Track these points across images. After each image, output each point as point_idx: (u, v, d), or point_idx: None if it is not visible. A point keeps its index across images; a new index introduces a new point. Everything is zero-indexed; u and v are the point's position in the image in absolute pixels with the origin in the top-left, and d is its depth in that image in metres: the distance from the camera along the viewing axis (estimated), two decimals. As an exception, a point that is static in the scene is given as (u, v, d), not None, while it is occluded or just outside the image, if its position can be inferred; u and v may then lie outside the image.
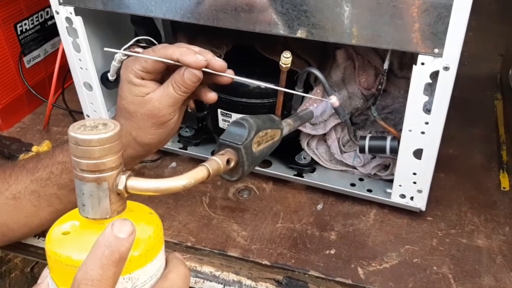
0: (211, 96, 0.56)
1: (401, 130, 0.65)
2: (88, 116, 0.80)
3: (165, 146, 0.78)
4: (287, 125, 0.49)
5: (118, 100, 0.56)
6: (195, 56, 0.51)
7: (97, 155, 0.32)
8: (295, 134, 0.72)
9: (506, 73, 0.92)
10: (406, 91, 0.69)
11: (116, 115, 0.57)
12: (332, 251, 0.62)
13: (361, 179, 0.70)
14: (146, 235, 0.34)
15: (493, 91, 0.93)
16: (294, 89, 0.65)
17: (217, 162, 0.39)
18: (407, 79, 0.68)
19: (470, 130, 0.83)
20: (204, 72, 0.52)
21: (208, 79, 0.54)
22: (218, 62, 0.53)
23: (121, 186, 0.34)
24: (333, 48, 0.68)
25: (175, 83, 0.52)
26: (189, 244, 0.64)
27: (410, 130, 0.58)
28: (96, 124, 0.33)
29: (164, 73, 0.54)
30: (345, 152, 0.71)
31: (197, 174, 0.37)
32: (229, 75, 0.54)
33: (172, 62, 0.51)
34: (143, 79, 0.53)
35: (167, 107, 0.53)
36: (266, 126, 0.43)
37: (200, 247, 0.63)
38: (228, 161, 0.40)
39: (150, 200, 0.70)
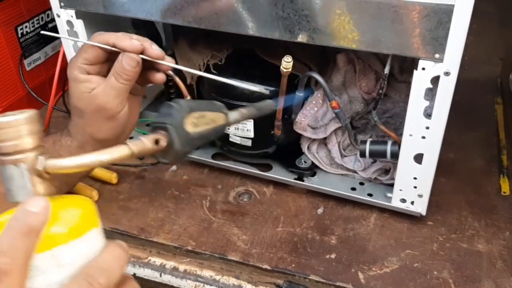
0: (159, 77, 0.55)
1: (401, 134, 0.65)
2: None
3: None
4: (240, 113, 0.48)
5: (69, 99, 0.56)
6: (130, 41, 0.51)
7: (10, 137, 0.33)
8: (296, 138, 0.72)
9: (507, 77, 0.92)
10: (407, 95, 0.69)
11: (71, 114, 0.57)
12: (333, 256, 0.62)
13: (361, 183, 0.70)
14: (70, 214, 0.34)
15: (494, 95, 0.93)
16: (295, 93, 0.66)
17: (142, 141, 0.39)
18: (408, 84, 0.68)
19: (471, 134, 0.83)
20: (144, 61, 0.52)
21: (152, 65, 0.54)
22: (155, 51, 0.53)
23: (40, 167, 0.34)
24: (334, 52, 0.68)
25: (116, 72, 0.52)
26: (189, 248, 0.64)
27: (410, 135, 0.58)
28: (16, 113, 0.34)
29: (109, 66, 0.54)
30: (345, 156, 0.71)
31: (119, 151, 0.38)
32: (168, 63, 0.53)
33: (110, 47, 0.52)
34: (88, 73, 0.53)
35: (113, 99, 0.53)
36: (203, 108, 0.43)
37: (201, 251, 0.63)
38: (157, 141, 0.40)
39: (151, 203, 0.71)
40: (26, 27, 0.87)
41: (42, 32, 0.56)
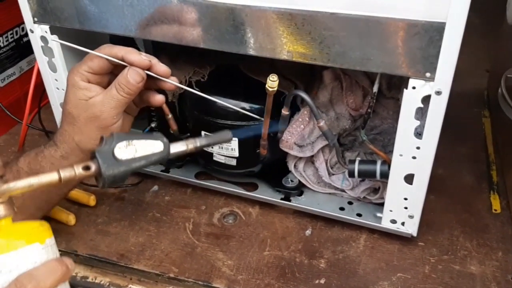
0: (159, 98, 0.57)
1: (390, 152, 0.63)
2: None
3: (146, 169, 0.74)
4: (184, 144, 0.50)
5: (63, 105, 0.56)
6: (139, 56, 0.53)
7: None
8: (282, 156, 0.70)
9: (493, 89, 0.91)
10: (395, 112, 0.68)
11: (61, 121, 0.57)
12: (322, 281, 0.59)
13: (350, 203, 0.68)
14: (15, 231, 0.40)
15: (480, 108, 0.92)
16: (280, 112, 0.63)
17: (73, 168, 0.43)
18: (396, 100, 0.67)
19: (459, 148, 0.81)
20: (148, 77, 0.53)
21: (153, 85, 0.55)
22: (162, 68, 0.54)
23: None
24: (320, 69, 0.66)
25: (118, 84, 0.52)
26: (171, 275, 0.61)
27: (401, 155, 0.56)
28: None
29: (110, 78, 0.55)
30: (333, 174, 0.69)
31: (48, 176, 0.42)
32: (172, 82, 0.55)
33: (117, 61, 0.53)
34: (89, 81, 0.54)
35: (110, 110, 0.53)
36: (134, 138, 0.46)
37: (184, 278, 0.60)
38: (87, 167, 0.44)
39: (131, 227, 0.68)
40: (-1, 41, 0.83)
41: (53, 39, 0.59)
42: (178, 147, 0.49)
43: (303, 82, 0.68)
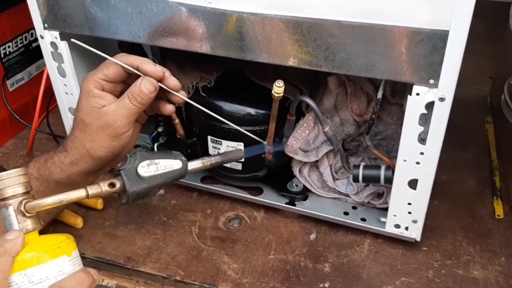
0: (169, 108, 0.58)
1: (394, 157, 0.64)
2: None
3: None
4: (201, 161, 0.54)
5: (75, 112, 0.57)
6: (154, 66, 0.54)
7: (5, 186, 0.45)
8: (287, 161, 0.71)
9: (496, 96, 0.91)
10: (399, 118, 0.69)
11: (72, 128, 0.58)
12: (327, 285, 0.60)
13: (354, 207, 0.69)
14: (44, 244, 0.44)
15: (484, 114, 0.92)
16: (286, 117, 0.64)
17: (99, 185, 0.48)
18: (400, 106, 0.68)
19: (462, 154, 0.82)
20: (160, 87, 0.55)
21: (163, 95, 0.57)
22: (174, 81, 0.56)
23: (21, 208, 0.45)
24: (325, 75, 0.67)
25: (131, 94, 0.54)
26: (178, 278, 0.62)
27: (405, 160, 0.57)
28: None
29: (122, 87, 0.56)
30: (337, 179, 0.70)
31: (76, 193, 0.47)
32: (182, 96, 0.57)
33: (133, 69, 0.54)
34: (103, 89, 0.55)
35: (122, 119, 0.54)
36: (156, 157, 0.51)
37: (190, 281, 0.61)
38: (112, 184, 0.48)
39: (138, 230, 0.69)
40: (9, 47, 0.85)
41: (72, 40, 0.59)
42: (194, 165, 0.54)
43: (308, 88, 0.68)
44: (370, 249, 0.65)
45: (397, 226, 0.63)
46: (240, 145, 0.67)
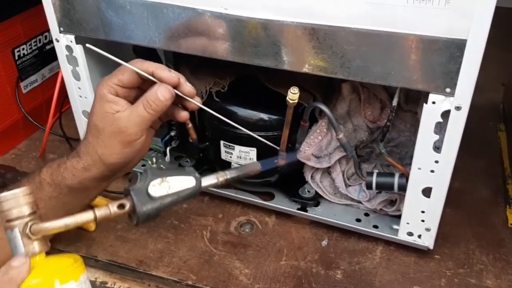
0: (184, 115, 0.58)
1: (406, 164, 0.64)
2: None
3: (164, 177, 0.76)
4: (215, 177, 0.52)
5: (89, 116, 0.56)
6: (169, 72, 0.54)
7: (10, 207, 0.43)
8: (299, 167, 0.71)
9: (509, 103, 0.91)
10: (412, 125, 0.68)
11: (86, 132, 0.57)
12: (339, 292, 0.60)
13: (366, 214, 0.68)
14: (51, 270, 0.43)
15: (496, 122, 0.92)
16: (299, 123, 0.64)
17: (108, 207, 0.46)
18: (413, 113, 0.67)
19: (474, 162, 0.81)
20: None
21: (178, 102, 0.57)
22: (189, 87, 0.55)
23: (27, 230, 0.43)
24: (339, 81, 0.67)
25: (147, 101, 0.53)
26: (189, 282, 0.62)
27: (419, 168, 0.57)
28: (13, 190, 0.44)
29: (136, 93, 0.56)
30: (350, 186, 0.70)
31: (83, 216, 0.45)
32: (196, 103, 0.57)
33: (148, 75, 0.54)
34: (117, 95, 0.54)
35: (135, 125, 0.54)
36: (167, 174, 0.48)
37: (201, 286, 0.61)
38: (122, 206, 0.46)
39: (150, 234, 0.69)
40: (23, 49, 0.85)
41: (87, 45, 0.57)
42: (209, 181, 0.51)
43: (321, 94, 0.68)
44: (382, 257, 0.65)
45: (410, 234, 0.63)
46: (253, 150, 0.67)
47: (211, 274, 0.63)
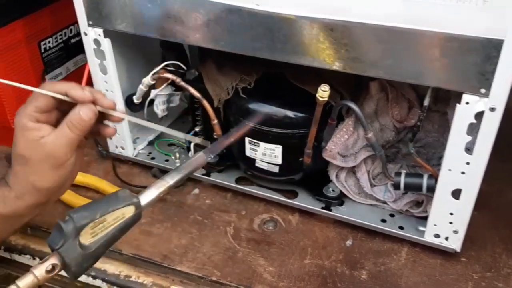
0: (110, 131, 0.58)
1: (433, 165, 0.63)
2: (111, 138, 0.79)
3: (188, 172, 0.76)
4: (162, 185, 0.47)
5: (12, 148, 0.54)
6: (82, 91, 0.52)
7: None
8: (323, 165, 0.70)
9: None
10: (440, 126, 0.68)
11: (12, 163, 0.55)
12: (364, 292, 0.60)
13: (391, 215, 0.68)
14: None
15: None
16: (327, 121, 0.64)
17: (33, 274, 0.40)
18: (442, 113, 0.66)
19: (503, 165, 0.79)
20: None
21: (102, 118, 0.56)
22: (108, 101, 0.54)
23: None
24: (367, 79, 0.66)
25: (71, 122, 0.52)
26: (214, 278, 0.62)
27: (449, 170, 0.56)
28: None
29: (57, 115, 0.55)
30: (375, 186, 0.69)
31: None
32: (120, 114, 0.56)
33: (62, 97, 0.52)
34: (37, 121, 0.53)
35: (63, 148, 0.52)
36: (98, 212, 0.42)
37: (226, 282, 0.61)
38: (52, 268, 0.41)
39: (173, 229, 0.69)
40: (49, 42, 0.86)
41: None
42: (150, 196, 0.46)
43: (349, 92, 0.68)
44: (408, 258, 0.64)
45: (437, 236, 0.62)
46: (279, 148, 0.67)
47: (235, 271, 0.62)
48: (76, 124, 0.52)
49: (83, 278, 0.65)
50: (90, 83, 0.74)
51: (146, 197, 0.45)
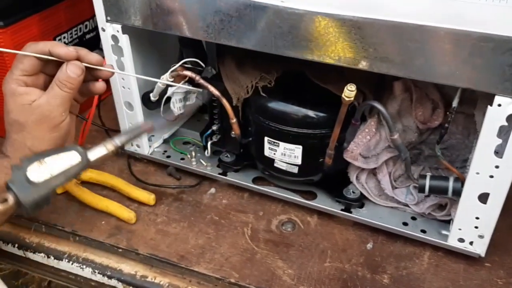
0: (99, 86, 0.58)
1: (457, 168, 0.61)
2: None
3: (204, 171, 0.75)
4: (110, 143, 0.50)
5: (4, 117, 0.55)
6: (66, 48, 0.53)
7: None
8: (343, 167, 0.69)
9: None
10: (465, 127, 0.66)
11: (7, 132, 0.56)
12: (386, 297, 0.58)
13: (413, 218, 0.66)
14: None
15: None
16: (350, 122, 0.62)
17: None
18: (466, 115, 0.65)
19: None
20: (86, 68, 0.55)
21: (90, 76, 0.56)
22: (95, 57, 0.55)
23: None
24: (390, 79, 0.65)
25: (60, 81, 0.53)
26: (232, 280, 0.60)
27: (477, 173, 0.55)
28: None
29: (44, 79, 0.56)
30: (396, 188, 0.68)
31: None
32: (108, 69, 0.57)
33: (45, 56, 0.53)
34: (26, 85, 0.54)
35: (57, 108, 0.53)
36: (46, 155, 0.46)
37: (244, 284, 0.60)
38: (4, 200, 0.44)
39: (190, 229, 0.68)
40: (64, 37, 0.85)
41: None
42: (97, 153, 0.49)
43: (372, 92, 0.66)
44: (430, 262, 0.63)
45: (461, 240, 0.61)
46: (299, 148, 0.66)
47: (253, 273, 0.61)
48: (65, 83, 0.53)
49: (98, 277, 0.64)
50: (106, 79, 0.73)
51: (93, 153, 0.49)
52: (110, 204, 0.69)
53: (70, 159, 0.47)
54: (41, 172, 0.45)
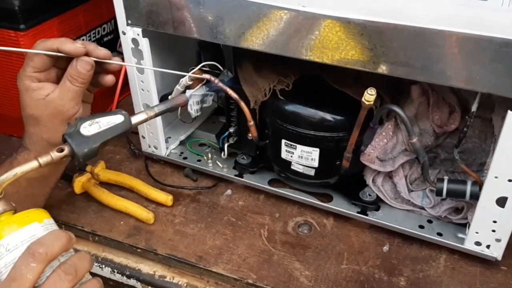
0: (109, 79, 0.60)
1: (473, 171, 0.62)
2: (144, 138, 0.79)
3: (220, 173, 0.76)
4: (151, 110, 0.56)
5: (21, 112, 0.58)
6: (73, 44, 0.55)
7: None
8: (359, 169, 0.69)
9: None
10: (481, 131, 0.66)
11: (25, 127, 0.59)
12: (403, 299, 0.59)
13: (429, 221, 0.67)
14: (11, 218, 0.46)
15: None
16: (368, 125, 0.63)
17: (48, 153, 0.48)
18: (483, 119, 0.65)
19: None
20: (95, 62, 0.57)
21: (100, 69, 0.59)
22: (102, 51, 0.57)
23: None
24: (407, 82, 0.65)
25: (71, 76, 0.56)
26: (250, 281, 0.61)
27: (496, 177, 0.55)
28: None
29: (56, 72, 0.58)
30: (412, 191, 0.68)
31: (28, 165, 0.47)
32: (116, 62, 0.59)
33: (54, 53, 0.55)
34: (39, 81, 0.57)
35: (69, 101, 0.56)
36: (96, 116, 0.52)
37: (262, 285, 0.61)
38: (60, 150, 0.49)
39: (208, 230, 0.68)
40: (83, 40, 0.86)
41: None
42: (139, 117, 0.55)
43: (389, 96, 0.67)
44: (447, 265, 0.63)
45: (478, 243, 0.61)
46: (316, 151, 0.66)
47: (271, 274, 0.62)
48: (76, 77, 0.56)
49: (117, 277, 0.65)
50: (126, 82, 0.74)
51: (135, 117, 0.54)
52: (129, 205, 0.70)
53: (116, 119, 0.52)
54: (92, 128, 0.51)
